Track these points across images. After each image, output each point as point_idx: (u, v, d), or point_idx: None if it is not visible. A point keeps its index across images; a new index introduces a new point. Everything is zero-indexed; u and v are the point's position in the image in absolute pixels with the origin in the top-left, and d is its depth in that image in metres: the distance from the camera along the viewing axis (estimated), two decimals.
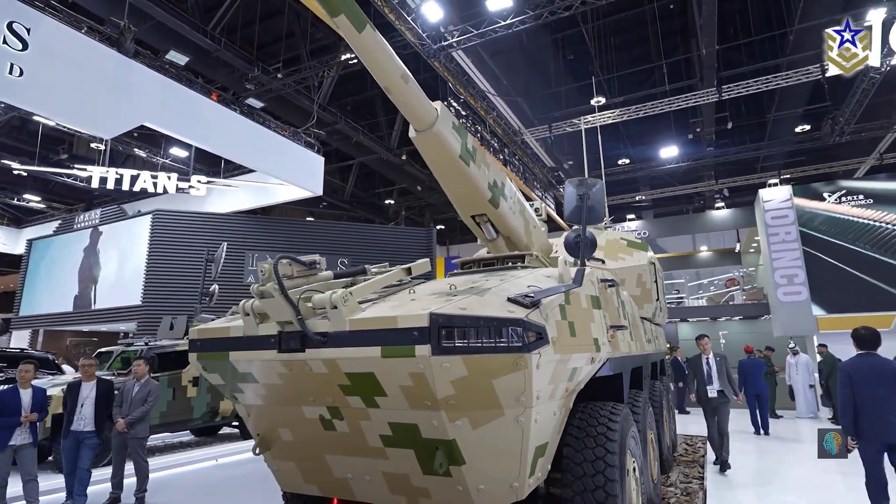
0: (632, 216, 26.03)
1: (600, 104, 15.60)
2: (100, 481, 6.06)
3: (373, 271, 3.49)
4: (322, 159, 12.27)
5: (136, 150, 13.25)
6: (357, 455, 3.04)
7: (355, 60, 13.60)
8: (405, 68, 3.22)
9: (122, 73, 8.06)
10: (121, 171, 11.50)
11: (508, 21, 9.63)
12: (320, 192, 12.10)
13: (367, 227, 14.70)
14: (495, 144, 14.01)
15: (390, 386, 2.62)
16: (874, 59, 8.08)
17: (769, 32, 14.65)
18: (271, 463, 3.43)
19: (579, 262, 2.93)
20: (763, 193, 14.31)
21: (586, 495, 3.20)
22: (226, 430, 10.67)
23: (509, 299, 2.68)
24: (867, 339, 4.42)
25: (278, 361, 2.83)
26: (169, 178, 11.91)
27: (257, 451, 3.34)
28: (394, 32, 10.17)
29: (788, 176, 21.37)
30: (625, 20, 15.39)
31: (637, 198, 24.57)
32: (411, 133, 3.63)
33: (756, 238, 19.06)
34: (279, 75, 14.00)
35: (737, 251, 22.29)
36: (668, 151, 18.68)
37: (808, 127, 18.12)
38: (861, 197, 13.70)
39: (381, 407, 2.75)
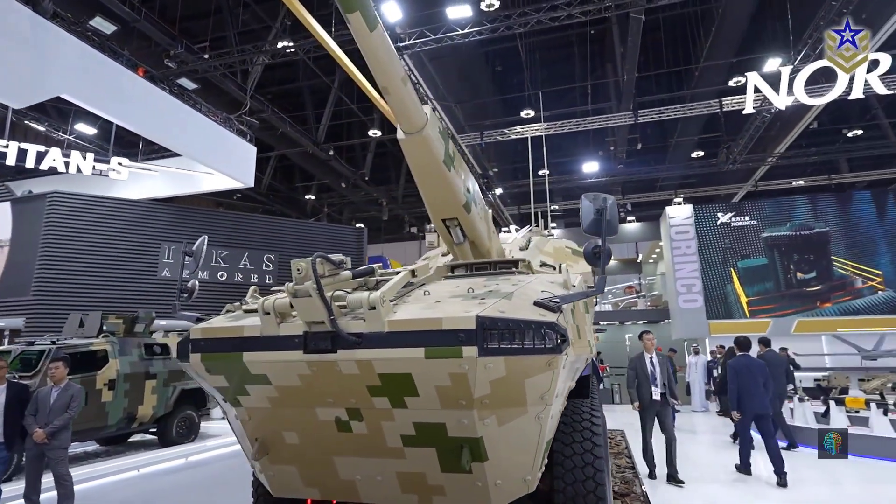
0: (553, 224, 27.60)
1: (529, 116, 16.40)
2: (9, 498, 5.33)
3: (379, 272, 3.48)
4: (254, 149, 11.59)
5: (33, 122, 11.51)
6: (371, 456, 3.03)
7: (292, 49, 13.10)
8: (404, 70, 3.24)
9: (38, 35, 6.97)
10: (25, 145, 9.85)
11: (466, 31, 9.85)
12: (251, 184, 11.41)
13: (296, 223, 14.10)
14: None
15: (425, 386, 2.66)
16: (780, 103, 9.44)
17: (677, 67, 16.37)
18: (267, 468, 3.29)
19: (599, 272, 3.17)
20: (669, 210, 15.92)
21: (577, 485, 3.46)
22: (138, 437, 9.75)
23: (535, 303, 2.85)
24: (745, 344, 6.67)
25: (303, 362, 2.74)
26: (84, 157, 10.42)
27: (256, 457, 3.18)
28: (344, 25, 9.96)
29: (683, 196, 23.88)
30: (552, 41, 16.36)
31: (552, 207, 26.11)
32: (399, 135, 3.56)
33: (656, 250, 21.07)
34: (206, 55, 13.06)
35: (638, 261, 24.46)
36: (590, 167, 20.06)
37: (702, 153, 20.43)
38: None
39: (409, 407, 2.77)
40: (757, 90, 9.20)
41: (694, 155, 20.62)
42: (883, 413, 7.27)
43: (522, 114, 16.35)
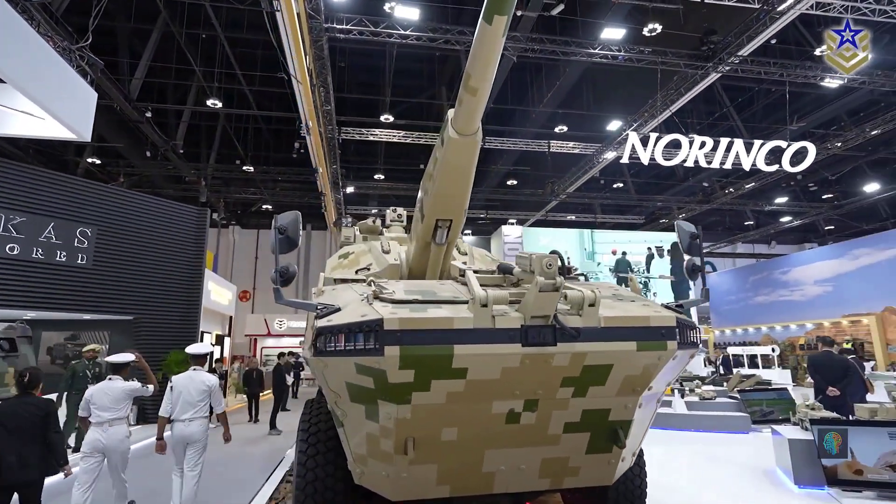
0: None
1: (389, 122, 16.71)
2: None
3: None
4: (95, 95, 8.98)
5: None
6: (525, 445, 3.16)
7: None
8: None
9: None
10: None
11: (408, 32, 9.65)
12: (88, 138, 8.76)
13: (125, 194, 11.23)
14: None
15: (617, 376, 2.99)
16: (644, 159, 11.93)
17: (516, 106, 18.86)
18: (401, 470, 3.06)
19: (701, 285, 3.88)
20: (504, 229, 18.18)
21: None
22: None
23: (664, 305, 3.46)
24: None
25: (518, 355, 2.78)
26: None
27: (411, 458, 2.96)
28: None
29: (489, 217, 27.11)
30: (414, 55, 17.09)
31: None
32: (452, 134, 3.38)
33: None
34: None
35: None
36: None
37: (515, 182, 23.73)
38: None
39: (587, 396, 3.04)
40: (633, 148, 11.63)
41: (508, 183, 23.82)
42: (681, 397, 9.96)
43: (382, 118, 16.54)
